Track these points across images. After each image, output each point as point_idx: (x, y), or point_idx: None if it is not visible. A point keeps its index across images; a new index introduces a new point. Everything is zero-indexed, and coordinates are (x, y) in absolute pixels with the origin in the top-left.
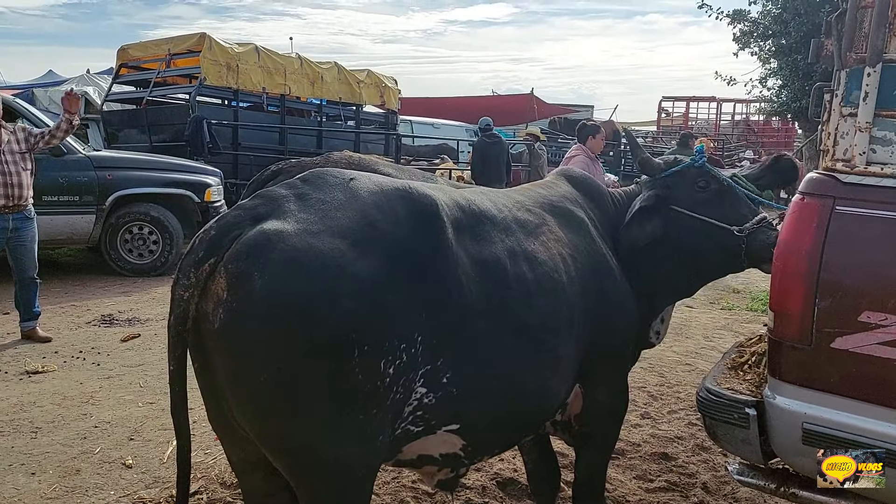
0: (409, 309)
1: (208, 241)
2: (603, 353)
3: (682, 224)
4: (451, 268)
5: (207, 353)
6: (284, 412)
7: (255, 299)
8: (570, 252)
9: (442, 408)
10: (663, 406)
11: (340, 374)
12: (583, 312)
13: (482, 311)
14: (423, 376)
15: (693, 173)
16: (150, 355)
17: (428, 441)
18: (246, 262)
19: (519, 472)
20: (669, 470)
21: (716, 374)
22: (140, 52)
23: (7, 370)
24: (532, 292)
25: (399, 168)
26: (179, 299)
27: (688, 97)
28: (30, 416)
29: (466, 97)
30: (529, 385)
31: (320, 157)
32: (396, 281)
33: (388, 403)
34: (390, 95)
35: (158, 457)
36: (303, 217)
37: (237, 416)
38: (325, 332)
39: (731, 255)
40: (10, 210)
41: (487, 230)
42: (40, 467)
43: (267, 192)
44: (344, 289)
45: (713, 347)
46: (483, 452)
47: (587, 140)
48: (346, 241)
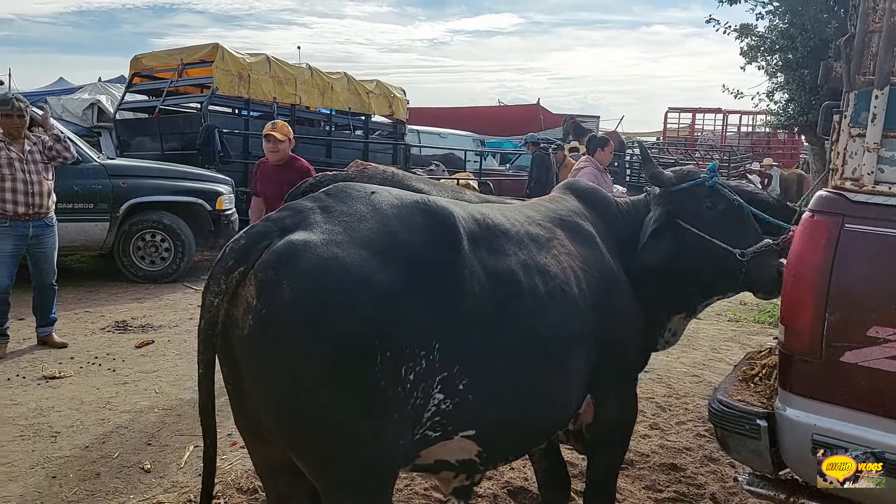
0: (427, 317)
1: (238, 249)
2: (612, 363)
3: (686, 240)
4: (468, 279)
5: (235, 358)
6: (310, 416)
7: (283, 306)
8: (580, 265)
9: (458, 414)
10: (672, 417)
11: (364, 379)
12: (593, 324)
13: (497, 321)
14: (441, 382)
15: (703, 191)
16: (164, 362)
17: (445, 446)
18: (275, 271)
19: (530, 481)
20: (678, 480)
21: (727, 386)
22: (153, 62)
23: (25, 375)
24: (545, 304)
25: (431, 183)
26: (210, 305)
27: (694, 108)
28: (48, 420)
29: (473, 107)
30: (542, 394)
31: (356, 170)
32: (416, 290)
33: (409, 408)
34: (399, 105)
35: (175, 462)
36: (328, 228)
37: (263, 419)
38: (349, 338)
39: (729, 277)
40: (30, 217)
41: (502, 243)
42: (61, 471)
43: (293, 205)
44: (367, 297)
45: (720, 359)
46: (497, 459)
47: (596, 152)
48: (369, 251)
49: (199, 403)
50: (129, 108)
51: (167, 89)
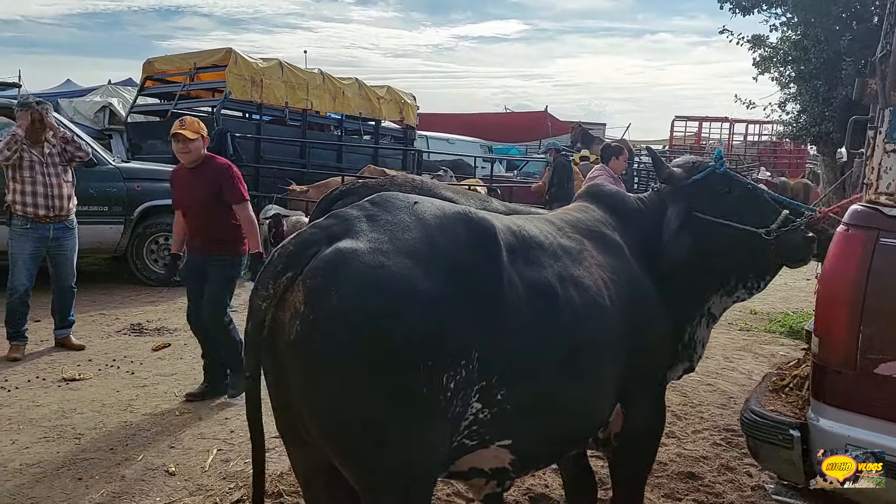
0: (468, 327)
1: (287, 255)
2: (641, 372)
3: (710, 231)
4: (507, 290)
5: (281, 362)
6: (354, 421)
7: (331, 313)
8: (609, 276)
9: (496, 424)
10: (688, 426)
11: (407, 386)
12: (622, 334)
13: (534, 332)
14: (479, 392)
15: (715, 179)
16: (182, 365)
17: (480, 455)
18: (324, 278)
19: (550, 488)
20: (696, 489)
21: (759, 397)
22: (166, 66)
23: (45, 377)
24: (580, 316)
25: (458, 191)
26: (257, 309)
27: (700, 117)
28: (71, 422)
29: (481, 114)
30: (576, 404)
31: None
32: (458, 300)
33: (448, 416)
34: (409, 111)
35: (199, 465)
36: (374, 237)
37: (306, 423)
38: (394, 345)
39: (762, 258)
40: (50, 220)
41: (537, 255)
42: (87, 473)
43: (340, 213)
44: (413, 305)
45: (733, 368)
46: (530, 467)
47: (610, 161)
48: (414, 260)
49: (247, 407)
50: (140, 112)
51: (179, 93)
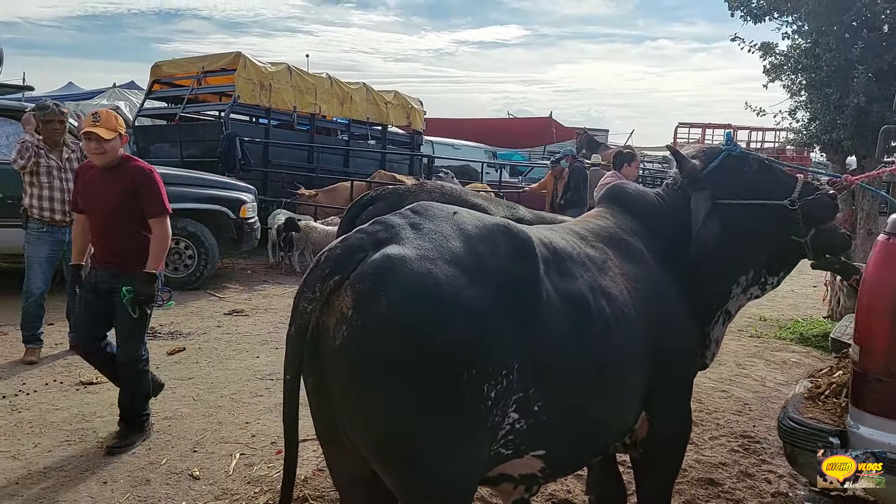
0: (510, 337)
1: (334, 259)
2: (666, 379)
3: (735, 215)
4: (543, 301)
5: (323, 367)
6: (397, 428)
7: (379, 318)
8: (634, 286)
9: (532, 434)
10: (704, 432)
11: (452, 394)
12: (648, 343)
13: (568, 343)
14: (516, 402)
15: (732, 162)
16: (198, 369)
17: (513, 463)
18: (372, 283)
19: (573, 494)
20: (717, 496)
21: (795, 404)
22: (174, 69)
23: (62, 381)
24: (610, 326)
25: (486, 199)
26: (302, 311)
27: (704, 124)
28: (92, 425)
29: (485, 119)
30: (606, 413)
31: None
32: (499, 310)
33: (488, 426)
34: (416, 116)
35: (223, 469)
36: (420, 244)
37: (349, 430)
38: (440, 352)
39: (791, 227)
40: (67, 224)
41: (569, 266)
42: (111, 476)
43: (385, 220)
44: (459, 313)
45: (746, 375)
46: (558, 474)
47: (622, 167)
48: (458, 269)
49: (284, 411)
50: (148, 115)
51: (188, 97)
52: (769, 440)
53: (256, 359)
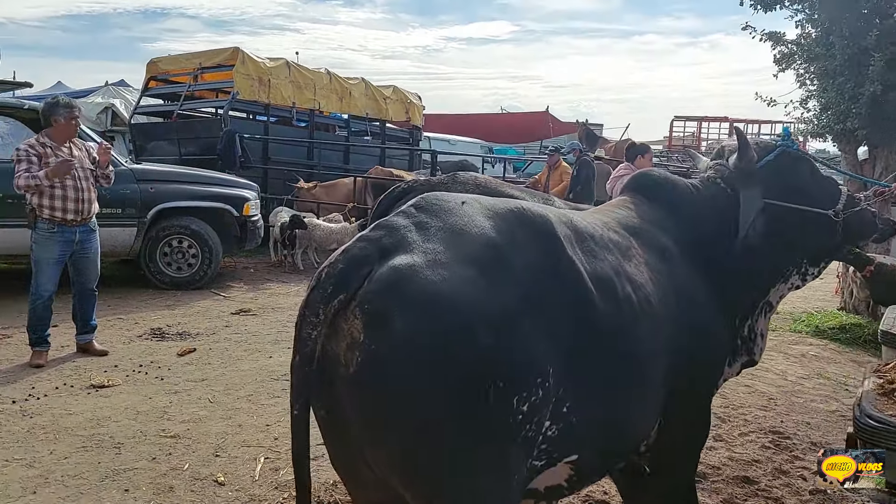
0: (541, 337)
1: (336, 275)
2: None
3: (783, 218)
4: (571, 288)
5: (338, 398)
6: (431, 455)
7: (396, 340)
8: (657, 277)
9: (564, 439)
10: (733, 428)
11: (487, 411)
12: (669, 339)
13: (598, 332)
14: (551, 407)
15: (787, 160)
16: (211, 370)
17: (543, 475)
18: (383, 302)
19: (609, 495)
20: (755, 494)
21: (870, 401)
22: (170, 66)
23: (72, 384)
24: (638, 314)
25: (522, 190)
26: (306, 338)
27: (699, 117)
28: (108, 431)
29: (481, 114)
30: (635, 409)
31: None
32: (529, 308)
33: (521, 440)
34: (415, 112)
35: (249, 474)
36: (429, 248)
37: (372, 459)
38: (470, 368)
39: (826, 240)
40: (77, 223)
41: (591, 247)
42: (132, 483)
43: (387, 223)
44: (486, 321)
45: (767, 369)
46: (584, 482)
47: (636, 159)
48: (475, 269)
49: (293, 450)
50: (144, 113)
51: (185, 93)
52: (799, 436)
53: (270, 359)
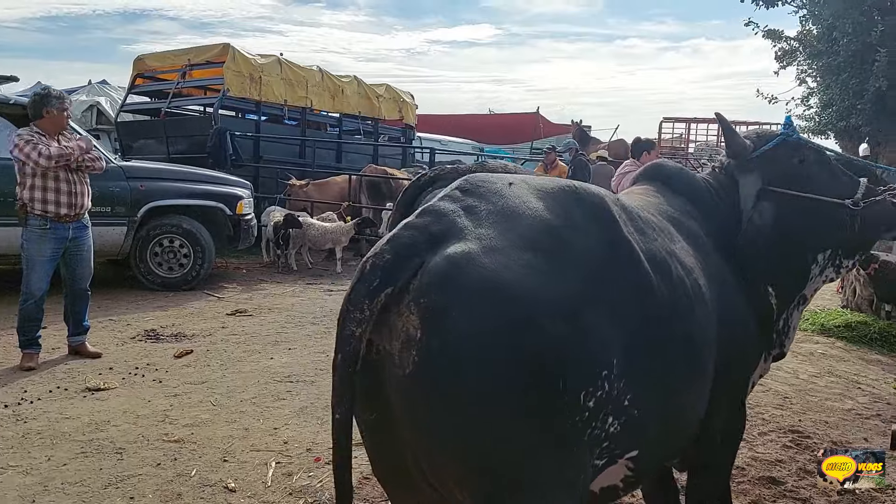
0: (606, 325)
1: (383, 266)
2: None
3: (789, 207)
4: (633, 272)
5: (389, 401)
6: (500, 457)
7: (457, 337)
8: (698, 263)
9: (625, 434)
10: (752, 428)
11: (558, 408)
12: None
13: (657, 318)
14: (614, 400)
15: (788, 148)
16: (210, 372)
17: (606, 474)
18: (441, 295)
19: (636, 497)
20: (783, 495)
21: None
22: (157, 63)
23: (66, 387)
24: (691, 297)
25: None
26: (349, 336)
27: (688, 118)
28: (108, 435)
29: (471, 115)
30: (690, 400)
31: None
32: (593, 294)
33: (587, 438)
34: (408, 110)
35: (260, 480)
36: (482, 233)
37: (429, 468)
38: (539, 361)
39: (843, 232)
40: (70, 219)
41: (641, 226)
42: (137, 490)
43: (433, 209)
44: (550, 311)
45: (778, 367)
46: (640, 480)
47: (642, 156)
48: (535, 254)
49: (335, 458)
50: (131, 111)
51: (173, 91)
52: (818, 434)
53: (271, 360)
